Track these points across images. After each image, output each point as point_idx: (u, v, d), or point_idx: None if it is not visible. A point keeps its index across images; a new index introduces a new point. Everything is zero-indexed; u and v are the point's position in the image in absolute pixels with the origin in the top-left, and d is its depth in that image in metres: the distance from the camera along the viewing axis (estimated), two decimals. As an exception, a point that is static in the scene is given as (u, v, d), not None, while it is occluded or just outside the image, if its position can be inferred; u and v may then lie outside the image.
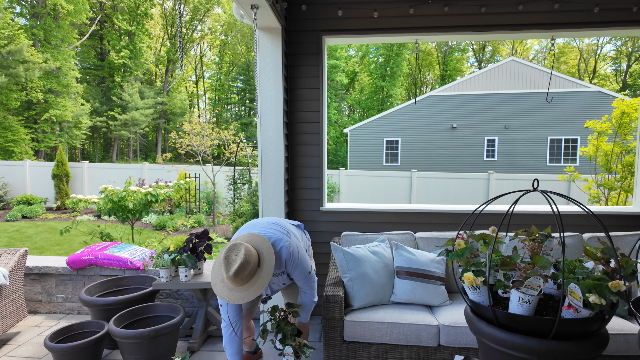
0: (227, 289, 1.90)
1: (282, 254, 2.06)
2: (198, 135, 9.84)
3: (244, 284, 1.88)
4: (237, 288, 1.88)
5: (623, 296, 1.28)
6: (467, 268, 1.52)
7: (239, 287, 1.88)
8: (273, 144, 3.19)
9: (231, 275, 1.84)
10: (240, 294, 1.87)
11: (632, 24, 3.12)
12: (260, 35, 3.13)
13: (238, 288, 1.88)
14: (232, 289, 1.88)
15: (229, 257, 1.89)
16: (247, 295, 1.86)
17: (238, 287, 1.88)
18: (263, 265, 1.93)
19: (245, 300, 1.86)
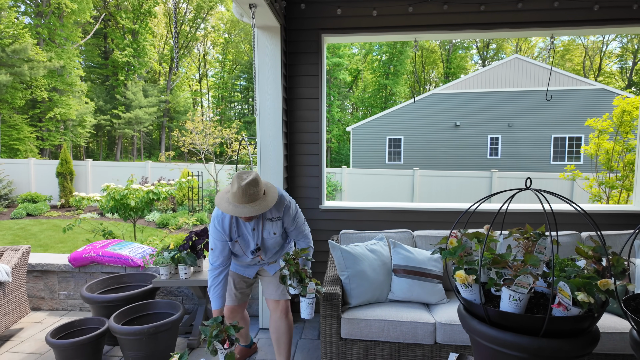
0: (232, 206, 2.02)
1: (283, 198, 2.26)
2: (201, 134, 9.88)
3: (249, 202, 2.01)
4: (241, 205, 2.01)
5: (612, 294, 1.28)
6: (459, 266, 1.53)
7: (243, 204, 2.01)
8: (272, 142, 3.21)
9: (243, 185, 1.99)
10: (244, 208, 2.00)
11: (632, 21, 3.10)
12: (259, 34, 3.15)
13: (242, 205, 2.01)
14: (237, 205, 2.01)
15: (240, 175, 2.06)
16: (251, 210, 2.00)
17: (243, 204, 2.01)
18: (267, 195, 2.11)
19: (249, 213, 2.00)
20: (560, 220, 3.25)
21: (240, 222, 2.22)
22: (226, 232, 2.19)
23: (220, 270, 2.22)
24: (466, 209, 1.66)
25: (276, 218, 2.26)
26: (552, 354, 1.35)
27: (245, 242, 2.27)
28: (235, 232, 2.22)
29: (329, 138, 27.98)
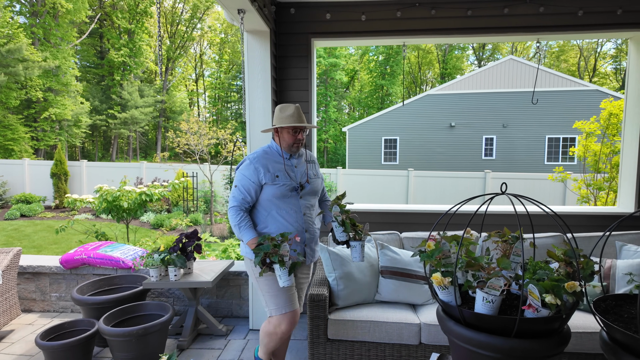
0: (294, 118, 2.17)
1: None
2: (195, 135, 9.90)
3: (303, 121, 2.20)
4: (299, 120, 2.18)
5: (580, 296, 1.33)
6: (436, 268, 1.57)
7: (300, 121, 2.18)
8: (262, 144, 3.24)
9: (297, 105, 2.20)
10: (301, 119, 2.19)
11: (616, 26, 3.16)
12: (249, 38, 3.18)
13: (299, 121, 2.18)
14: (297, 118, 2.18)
15: (284, 105, 2.24)
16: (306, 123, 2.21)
17: (300, 121, 2.18)
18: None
19: (305, 122, 2.20)
20: (546, 222, 3.29)
21: (284, 160, 2.23)
22: (263, 167, 2.16)
23: (240, 208, 2.16)
24: (445, 212, 1.70)
25: (313, 161, 2.41)
26: (524, 354, 1.39)
27: (292, 175, 2.23)
28: (276, 168, 2.19)
29: (325, 138, 28.01)
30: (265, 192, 2.17)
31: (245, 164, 2.18)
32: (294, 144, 2.20)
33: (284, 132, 2.19)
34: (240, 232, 2.13)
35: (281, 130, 2.20)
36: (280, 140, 2.22)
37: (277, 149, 2.25)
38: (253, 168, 2.15)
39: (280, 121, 2.17)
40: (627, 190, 3.35)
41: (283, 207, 2.19)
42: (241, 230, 2.13)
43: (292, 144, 2.20)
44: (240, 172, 2.18)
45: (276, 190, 2.15)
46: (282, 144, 2.22)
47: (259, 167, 2.16)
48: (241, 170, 2.19)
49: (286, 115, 2.17)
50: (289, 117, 2.16)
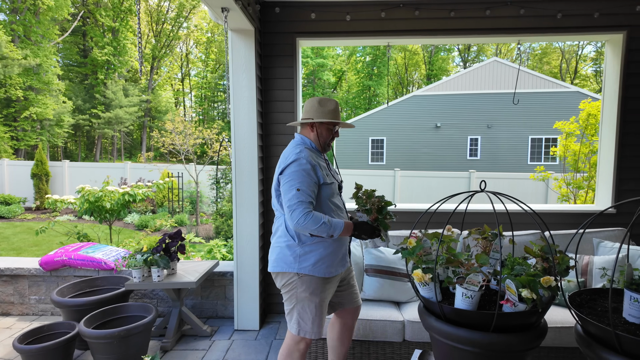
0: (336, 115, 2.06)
1: None
2: (181, 135, 9.79)
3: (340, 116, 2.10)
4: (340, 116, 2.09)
5: (554, 290, 1.36)
6: (417, 265, 1.59)
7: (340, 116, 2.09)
8: (247, 144, 3.23)
9: (336, 101, 2.07)
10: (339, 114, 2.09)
11: (593, 29, 3.24)
12: (233, 37, 3.16)
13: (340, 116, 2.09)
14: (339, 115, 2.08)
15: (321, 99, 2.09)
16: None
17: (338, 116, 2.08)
18: None
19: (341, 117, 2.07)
20: (526, 220, 3.36)
21: (324, 156, 2.10)
22: (318, 164, 1.94)
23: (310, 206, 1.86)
24: (425, 210, 1.72)
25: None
26: (502, 348, 1.42)
27: (332, 173, 2.10)
28: (323, 165, 2.01)
29: (313, 138, 27.96)
30: (322, 192, 1.95)
31: (299, 162, 1.88)
32: (330, 141, 2.08)
33: (323, 127, 2.03)
34: (332, 226, 1.84)
35: (320, 126, 2.03)
36: (317, 135, 2.03)
37: (313, 145, 2.05)
38: (311, 165, 1.89)
39: (322, 115, 2.00)
40: (604, 189, 3.44)
41: (336, 208, 2.01)
42: (332, 224, 1.84)
43: (330, 140, 2.07)
44: (296, 173, 1.87)
45: (329, 189, 1.97)
46: (320, 140, 2.04)
47: (314, 164, 1.92)
48: (297, 170, 1.87)
49: (328, 110, 2.02)
50: (331, 112, 2.02)
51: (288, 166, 1.89)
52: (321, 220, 1.82)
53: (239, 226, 3.25)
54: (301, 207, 1.82)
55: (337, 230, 1.85)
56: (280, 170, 1.92)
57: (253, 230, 3.25)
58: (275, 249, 1.99)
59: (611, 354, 1.29)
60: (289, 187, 1.86)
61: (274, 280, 2.14)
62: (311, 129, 2.05)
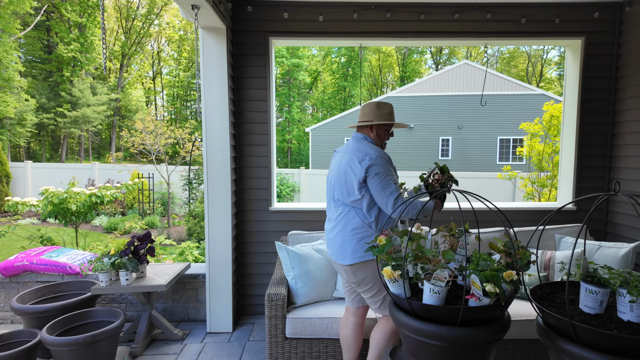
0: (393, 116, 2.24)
1: None
2: (151, 134, 9.54)
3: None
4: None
5: (516, 284, 1.42)
6: (387, 262, 1.62)
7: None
8: (219, 144, 3.18)
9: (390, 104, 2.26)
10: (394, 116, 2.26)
11: (555, 34, 3.39)
12: (204, 35, 3.11)
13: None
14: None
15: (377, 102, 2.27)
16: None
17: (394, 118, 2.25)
18: None
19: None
20: (493, 217, 3.48)
21: None
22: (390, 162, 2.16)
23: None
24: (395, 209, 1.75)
25: None
26: (468, 341, 1.46)
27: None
28: None
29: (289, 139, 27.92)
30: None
31: (383, 158, 2.09)
32: (386, 141, 2.28)
33: (382, 128, 2.23)
34: (426, 208, 2.05)
35: (378, 127, 2.22)
36: (376, 135, 2.23)
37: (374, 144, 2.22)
38: (388, 160, 2.12)
39: (380, 117, 2.20)
40: (565, 187, 3.60)
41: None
42: (426, 207, 2.05)
43: (386, 140, 2.28)
44: (383, 169, 2.06)
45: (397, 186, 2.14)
46: (379, 139, 2.24)
47: (391, 160, 2.16)
48: (385, 165, 2.07)
49: (386, 113, 2.22)
50: (388, 114, 2.22)
51: (377, 163, 2.07)
52: (418, 205, 2.03)
53: (211, 227, 3.20)
54: (399, 196, 2.04)
55: (429, 210, 2.08)
56: (366, 167, 2.06)
57: (226, 231, 3.21)
58: (351, 242, 2.10)
59: (568, 343, 1.35)
60: (386, 181, 2.05)
61: (349, 271, 2.14)
62: (370, 130, 2.24)
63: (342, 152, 2.26)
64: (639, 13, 3.17)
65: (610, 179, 3.48)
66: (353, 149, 2.15)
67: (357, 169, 2.07)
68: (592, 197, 1.66)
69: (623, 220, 3.34)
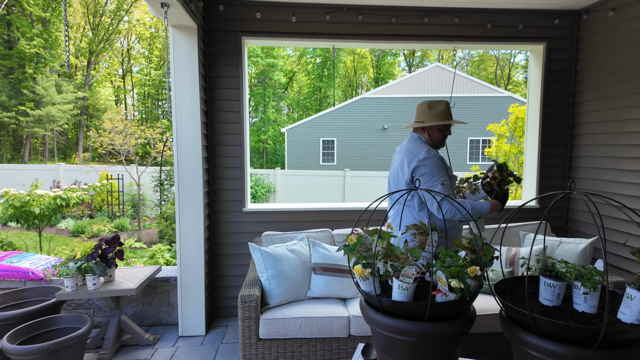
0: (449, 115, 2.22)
1: None
2: (121, 134, 9.26)
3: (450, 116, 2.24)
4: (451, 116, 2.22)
5: (480, 280, 1.48)
6: (358, 261, 1.65)
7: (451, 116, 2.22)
8: (191, 144, 3.13)
9: (447, 100, 2.22)
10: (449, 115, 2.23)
11: (518, 40, 3.54)
12: (175, 34, 3.06)
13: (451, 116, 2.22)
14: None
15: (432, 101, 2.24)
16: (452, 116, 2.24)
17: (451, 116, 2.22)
18: None
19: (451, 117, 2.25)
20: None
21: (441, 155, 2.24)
22: (442, 160, 2.17)
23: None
24: (365, 208, 1.79)
25: None
26: (435, 336, 1.51)
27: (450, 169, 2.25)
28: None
29: (264, 139, 27.73)
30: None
31: (434, 158, 2.10)
32: (442, 140, 2.23)
33: (434, 129, 2.19)
34: (477, 209, 2.06)
35: (430, 127, 2.18)
36: (429, 136, 2.20)
37: (428, 144, 2.23)
38: (438, 160, 2.13)
39: (432, 118, 2.16)
40: (529, 186, 3.76)
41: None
42: (477, 208, 2.06)
43: (442, 140, 2.23)
44: (436, 169, 2.08)
45: (452, 185, 2.14)
46: (432, 140, 2.21)
47: (440, 161, 2.14)
48: (435, 166, 2.08)
49: (437, 112, 2.16)
50: (440, 114, 2.16)
51: (423, 164, 2.08)
52: (468, 205, 2.05)
53: (182, 229, 3.15)
54: (448, 199, 2.00)
55: (485, 211, 2.09)
56: (413, 168, 2.09)
57: (198, 233, 3.16)
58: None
59: (528, 335, 1.42)
60: (431, 182, 2.05)
61: None
62: (423, 130, 2.23)
63: (397, 153, 2.29)
64: (595, 21, 3.35)
65: (570, 178, 3.66)
66: (405, 150, 2.18)
67: (405, 170, 2.11)
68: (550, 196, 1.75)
69: (581, 217, 3.53)
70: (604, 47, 3.26)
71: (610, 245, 3.23)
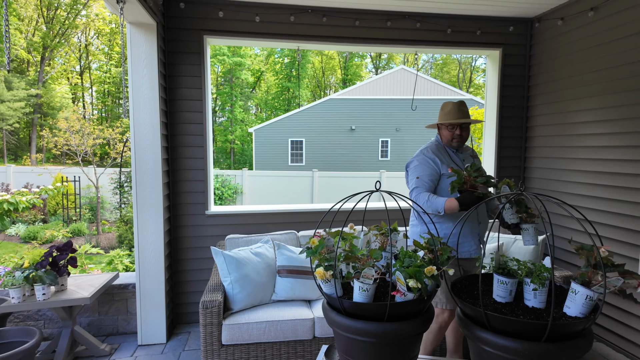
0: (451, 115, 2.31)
1: None
2: (77, 134, 8.81)
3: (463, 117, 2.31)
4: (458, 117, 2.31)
5: (437, 279, 1.51)
6: (320, 263, 1.64)
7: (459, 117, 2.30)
8: (150, 145, 3.02)
9: (457, 102, 2.32)
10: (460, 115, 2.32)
11: (476, 45, 3.67)
12: (133, 31, 2.94)
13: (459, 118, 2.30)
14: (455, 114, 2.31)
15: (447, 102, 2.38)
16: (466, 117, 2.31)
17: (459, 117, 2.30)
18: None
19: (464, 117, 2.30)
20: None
21: (451, 154, 2.37)
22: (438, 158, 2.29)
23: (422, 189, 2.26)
24: (328, 210, 1.79)
25: (476, 156, 2.50)
26: (394, 335, 1.53)
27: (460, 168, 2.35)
28: (447, 160, 2.33)
29: (232, 139, 27.28)
30: (442, 184, 2.30)
31: (418, 157, 2.33)
32: (452, 139, 2.34)
33: (443, 128, 2.35)
34: (433, 202, 2.17)
35: (441, 127, 2.36)
36: (440, 136, 2.40)
37: (442, 144, 2.40)
38: (430, 158, 2.29)
39: (440, 118, 2.36)
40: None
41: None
42: (432, 201, 2.18)
43: (451, 139, 2.34)
44: (414, 166, 2.31)
45: (447, 183, 2.24)
46: (443, 139, 2.38)
47: (434, 157, 2.30)
48: (415, 163, 2.32)
49: (444, 112, 2.34)
50: (446, 114, 2.33)
51: (413, 160, 2.36)
52: (425, 198, 2.21)
53: (141, 234, 3.03)
54: (416, 189, 2.26)
55: (440, 206, 2.16)
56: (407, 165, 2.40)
57: (157, 238, 3.05)
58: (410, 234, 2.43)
59: (482, 331, 1.47)
60: (412, 176, 2.31)
61: None
62: (439, 130, 2.41)
63: None
64: (546, 29, 3.54)
65: (524, 178, 3.84)
66: None
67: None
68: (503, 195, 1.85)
69: (535, 215, 3.71)
70: (553, 54, 3.45)
71: (561, 242, 3.41)
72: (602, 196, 2.99)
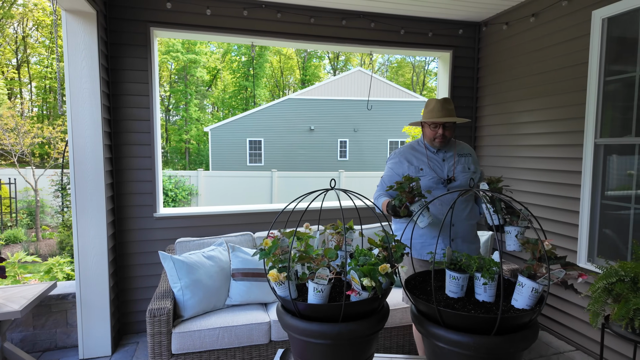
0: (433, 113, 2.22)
1: None
2: (12, 132, 8.08)
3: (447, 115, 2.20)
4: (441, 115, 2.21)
5: (391, 277, 1.50)
6: (273, 265, 1.58)
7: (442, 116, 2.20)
8: (90, 143, 2.80)
9: (441, 100, 2.22)
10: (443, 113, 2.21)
11: (428, 46, 3.77)
12: (69, 19, 2.71)
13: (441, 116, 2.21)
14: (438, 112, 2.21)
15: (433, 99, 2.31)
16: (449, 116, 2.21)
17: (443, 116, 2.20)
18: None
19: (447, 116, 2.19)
20: (382, 213, 3.71)
21: (428, 153, 2.31)
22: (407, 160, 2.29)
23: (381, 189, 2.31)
24: (282, 209, 1.73)
25: (467, 154, 2.35)
26: (350, 335, 1.50)
27: (436, 169, 2.28)
28: (420, 161, 2.29)
29: (186, 139, 26.35)
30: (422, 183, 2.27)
31: (391, 156, 2.37)
32: (435, 139, 2.27)
33: (426, 126, 2.28)
34: (377, 202, 2.24)
35: (424, 125, 2.30)
36: (424, 134, 2.35)
37: (424, 143, 2.36)
38: (397, 160, 2.31)
39: (423, 116, 2.31)
40: (440, 184, 4.03)
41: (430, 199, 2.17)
42: (377, 200, 2.26)
43: (433, 138, 2.27)
44: (387, 166, 2.37)
45: (422, 182, 2.21)
46: (425, 139, 2.33)
47: (402, 160, 2.30)
48: (387, 163, 2.37)
49: (427, 110, 2.27)
50: (428, 112, 2.25)
51: (388, 160, 2.41)
52: (375, 196, 2.31)
53: (81, 239, 2.80)
54: (377, 188, 2.36)
55: (380, 206, 2.22)
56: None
57: (100, 242, 2.83)
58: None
59: (435, 327, 1.48)
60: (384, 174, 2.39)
61: None
62: (422, 128, 2.35)
63: None
64: (492, 33, 3.70)
65: (474, 176, 3.99)
66: None
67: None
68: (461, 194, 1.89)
69: (485, 211, 3.87)
70: (498, 57, 3.61)
71: (508, 236, 3.58)
72: (544, 192, 3.17)
